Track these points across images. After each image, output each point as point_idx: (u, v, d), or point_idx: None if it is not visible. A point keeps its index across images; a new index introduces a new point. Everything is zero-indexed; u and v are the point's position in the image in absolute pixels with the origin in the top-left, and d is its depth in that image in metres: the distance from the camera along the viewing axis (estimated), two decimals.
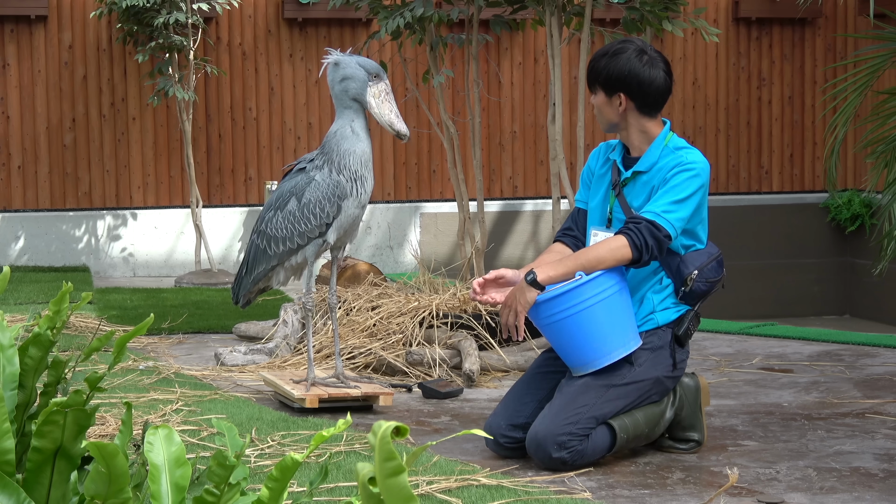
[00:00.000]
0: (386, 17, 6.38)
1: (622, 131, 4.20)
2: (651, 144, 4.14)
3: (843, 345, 6.32)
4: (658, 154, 4.11)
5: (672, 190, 4.03)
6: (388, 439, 1.72)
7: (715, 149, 10.92)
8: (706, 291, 4.14)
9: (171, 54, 9.02)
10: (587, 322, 3.97)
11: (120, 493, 2.00)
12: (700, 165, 4.07)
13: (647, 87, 4.11)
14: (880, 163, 5.45)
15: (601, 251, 3.97)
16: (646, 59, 4.13)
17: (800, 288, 11.05)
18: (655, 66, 4.13)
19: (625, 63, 4.11)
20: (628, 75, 4.11)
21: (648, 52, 4.15)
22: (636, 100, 4.13)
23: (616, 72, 4.11)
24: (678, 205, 4.02)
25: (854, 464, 4.01)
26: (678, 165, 4.06)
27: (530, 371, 4.32)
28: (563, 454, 3.90)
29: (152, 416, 4.52)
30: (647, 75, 4.11)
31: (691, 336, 4.16)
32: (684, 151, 4.11)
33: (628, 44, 4.17)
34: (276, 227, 4.79)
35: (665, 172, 4.08)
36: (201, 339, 6.60)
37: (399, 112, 4.66)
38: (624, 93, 4.13)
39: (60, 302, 2.61)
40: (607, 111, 4.18)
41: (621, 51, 4.14)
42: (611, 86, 4.14)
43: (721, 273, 4.19)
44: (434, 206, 10.26)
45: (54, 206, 9.72)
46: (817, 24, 11.05)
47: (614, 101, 4.15)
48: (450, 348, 5.56)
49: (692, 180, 4.04)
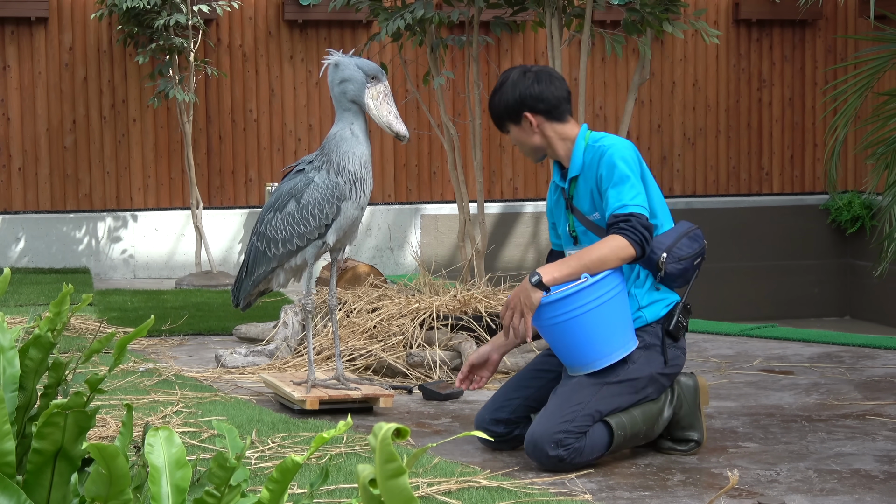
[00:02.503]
0: (386, 19, 6.38)
1: (549, 149, 4.29)
2: (573, 149, 4.22)
3: (844, 346, 6.32)
4: (581, 154, 4.20)
5: (614, 180, 4.07)
6: (389, 441, 1.72)
7: (715, 150, 10.93)
8: (684, 269, 4.14)
9: (172, 56, 9.02)
10: (591, 324, 3.97)
11: (120, 494, 2.00)
12: (620, 144, 4.13)
13: (544, 95, 4.23)
14: (881, 164, 5.45)
15: (604, 251, 3.98)
16: (529, 76, 4.26)
17: (800, 289, 11.05)
18: (541, 78, 4.25)
19: (512, 88, 4.24)
20: (522, 95, 4.23)
21: (530, 69, 4.29)
22: (541, 111, 4.23)
23: (510, 99, 4.24)
24: (630, 188, 4.04)
25: (854, 465, 4.01)
26: (602, 156, 4.12)
27: (525, 368, 4.37)
28: (560, 452, 3.91)
29: (153, 418, 4.52)
30: (537, 89, 4.23)
31: (684, 329, 4.15)
32: (602, 141, 4.17)
33: (508, 72, 4.31)
34: (276, 228, 4.79)
35: (595, 168, 4.14)
36: (202, 340, 6.60)
37: (398, 113, 4.65)
38: (527, 111, 4.23)
39: (61, 304, 2.61)
40: (526, 137, 4.28)
41: (504, 81, 4.29)
42: (514, 113, 4.25)
43: (696, 247, 4.17)
44: (434, 208, 10.26)
45: (55, 207, 9.72)
46: (818, 26, 11.05)
47: (525, 124, 4.26)
48: (450, 350, 5.56)
49: (622, 161, 4.08)
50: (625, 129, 6.65)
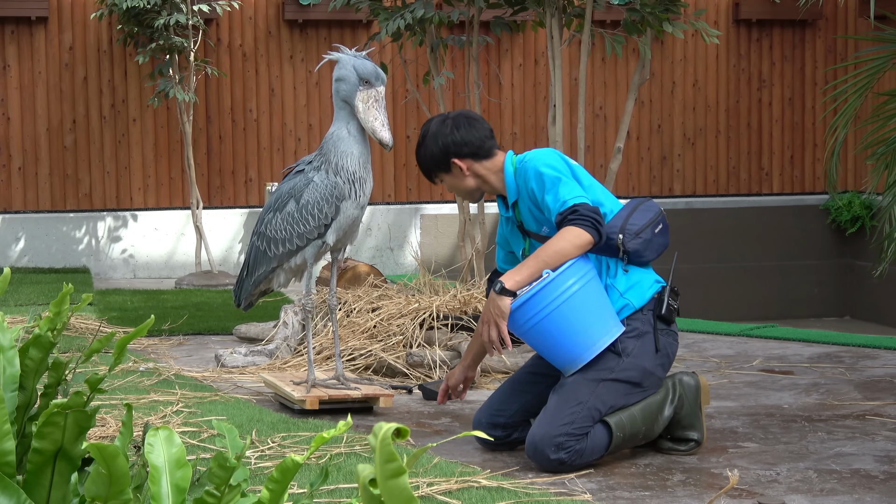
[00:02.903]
0: (386, 19, 6.38)
1: (485, 186, 4.32)
2: (505, 178, 4.25)
3: (844, 346, 6.32)
4: (513, 178, 4.23)
5: (546, 186, 4.08)
6: (389, 441, 1.72)
7: (715, 150, 10.93)
8: (646, 242, 4.12)
9: (172, 56, 9.02)
10: (567, 317, 3.95)
11: (120, 494, 2.00)
12: (540, 154, 4.16)
13: (466, 139, 4.26)
14: (881, 164, 5.45)
15: (560, 243, 3.97)
16: (448, 123, 4.29)
17: (800, 290, 11.05)
18: (459, 123, 4.28)
19: (434, 140, 4.28)
20: (445, 144, 4.26)
21: (448, 116, 4.32)
22: (468, 155, 4.26)
23: (435, 151, 4.28)
24: (563, 186, 4.04)
25: (854, 465, 4.01)
26: (527, 171, 4.15)
27: (521, 370, 4.36)
28: (562, 455, 3.90)
29: (153, 418, 4.52)
30: (458, 135, 4.26)
31: (676, 311, 4.15)
32: (525, 158, 4.21)
33: (427, 125, 4.34)
34: (276, 228, 4.78)
35: (525, 185, 4.17)
36: (202, 340, 6.60)
37: (386, 121, 4.59)
38: (454, 158, 4.26)
39: (61, 303, 2.61)
40: (460, 182, 4.32)
41: (425, 134, 4.32)
42: (442, 163, 4.29)
43: (650, 216, 4.15)
44: (434, 208, 10.26)
45: (55, 207, 9.72)
46: (818, 26, 11.05)
47: (455, 170, 4.30)
48: (450, 350, 5.56)
49: (547, 167, 4.10)
50: (625, 129, 6.65)
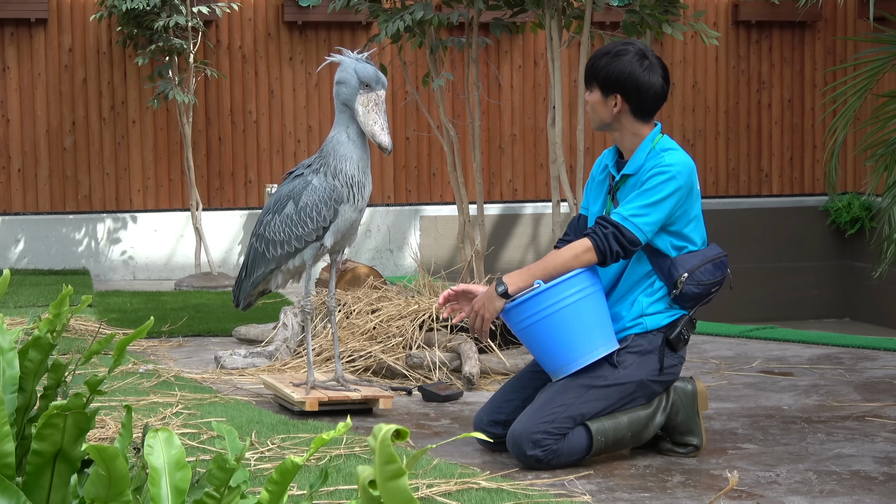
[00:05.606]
0: (386, 21, 6.39)
1: (615, 132, 4.20)
2: (639, 147, 4.14)
3: (843, 348, 6.32)
4: (644, 157, 4.11)
5: (644, 193, 4.02)
6: (389, 442, 1.72)
7: (715, 152, 10.93)
8: (700, 294, 4.09)
9: (171, 57, 9.02)
10: (555, 326, 3.98)
11: (120, 496, 2.00)
12: (677, 168, 4.05)
13: (644, 91, 4.11)
14: (880, 166, 5.45)
15: (566, 257, 4.00)
16: (646, 63, 4.12)
17: (799, 291, 11.05)
18: (654, 71, 4.13)
19: (625, 65, 4.11)
20: (627, 78, 4.10)
21: (649, 56, 4.14)
22: (631, 103, 4.13)
23: (615, 73, 4.11)
24: (649, 208, 4.00)
25: (854, 467, 4.01)
26: (655, 167, 4.05)
27: (523, 370, 4.38)
28: (537, 452, 3.91)
29: (152, 420, 4.51)
30: (646, 80, 4.10)
31: (686, 341, 4.12)
32: (667, 153, 4.08)
33: (630, 46, 4.16)
34: (274, 230, 4.79)
35: (647, 173, 4.07)
36: (201, 342, 6.60)
37: (385, 125, 4.58)
38: (621, 94, 4.13)
39: (60, 305, 2.61)
40: (601, 110, 4.17)
41: (623, 52, 4.13)
42: (608, 86, 4.13)
43: (719, 275, 4.15)
44: (434, 210, 10.26)
45: (54, 209, 9.72)
46: (817, 28, 11.05)
47: (609, 101, 4.15)
48: (450, 351, 5.56)
49: (666, 184, 4.02)
50: None
